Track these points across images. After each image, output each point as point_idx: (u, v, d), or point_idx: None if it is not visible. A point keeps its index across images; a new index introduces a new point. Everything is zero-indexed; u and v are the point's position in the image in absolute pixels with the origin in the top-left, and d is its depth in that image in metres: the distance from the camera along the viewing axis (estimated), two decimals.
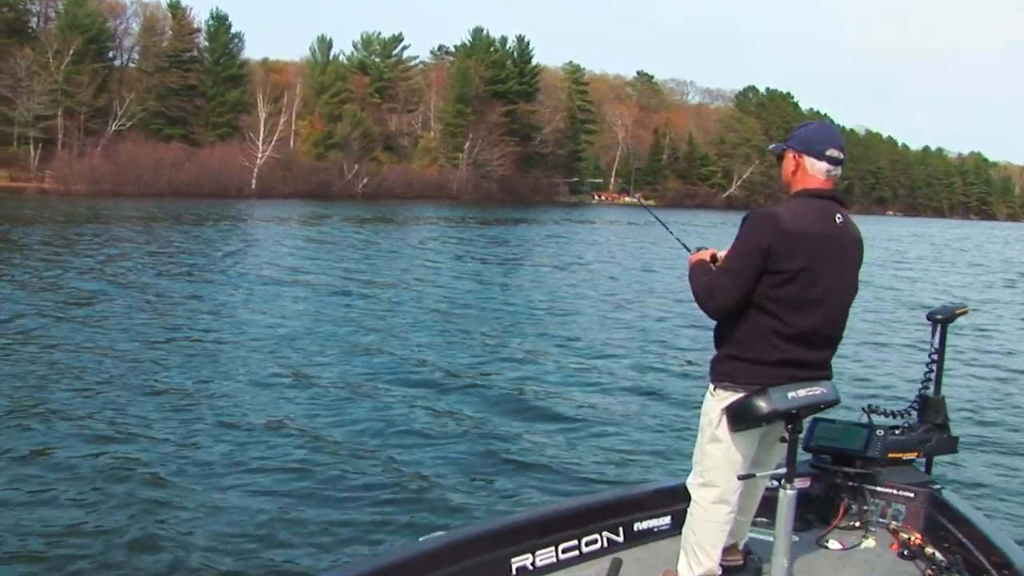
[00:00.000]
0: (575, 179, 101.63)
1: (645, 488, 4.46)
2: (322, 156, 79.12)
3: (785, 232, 3.32)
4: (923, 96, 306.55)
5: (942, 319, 4.50)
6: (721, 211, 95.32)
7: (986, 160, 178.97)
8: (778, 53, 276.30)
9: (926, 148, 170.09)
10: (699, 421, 3.63)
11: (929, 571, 3.86)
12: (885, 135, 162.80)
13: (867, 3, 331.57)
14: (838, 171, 3.50)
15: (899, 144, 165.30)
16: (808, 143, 3.50)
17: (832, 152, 3.47)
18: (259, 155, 72.82)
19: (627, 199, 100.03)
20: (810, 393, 3.38)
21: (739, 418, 3.41)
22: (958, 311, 4.60)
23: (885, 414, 4.63)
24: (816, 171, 3.48)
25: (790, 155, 3.54)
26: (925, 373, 4.61)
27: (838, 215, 3.47)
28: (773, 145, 3.70)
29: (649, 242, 39.43)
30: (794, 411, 3.35)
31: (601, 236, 46.45)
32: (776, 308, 3.36)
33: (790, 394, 3.33)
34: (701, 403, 3.63)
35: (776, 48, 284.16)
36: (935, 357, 4.57)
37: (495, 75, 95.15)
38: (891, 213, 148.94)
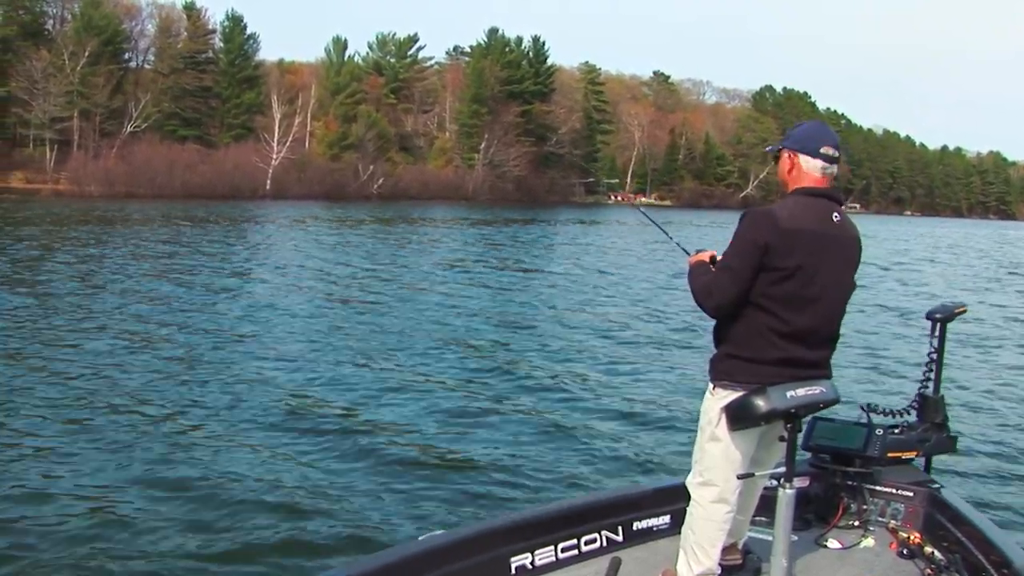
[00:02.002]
0: (591, 179, 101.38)
1: (644, 487, 4.47)
2: (337, 157, 79.05)
3: (782, 230, 3.34)
4: (934, 96, 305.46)
5: (941, 318, 4.50)
6: (737, 211, 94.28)
7: (1005, 159, 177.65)
8: (789, 54, 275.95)
9: (944, 148, 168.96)
10: (698, 420, 3.65)
11: (928, 570, 3.86)
12: (903, 135, 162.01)
13: (876, 5, 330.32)
14: (834, 169, 3.53)
15: (917, 144, 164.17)
16: (803, 142, 3.55)
17: (826, 150, 3.50)
18: (274, 156, 72.91)
19: (641, 199, 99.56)
20: (809, 392, 3.39)
21: (738, 417, 3.43)
22: (957, 310, 4.59)
23: (884, 413, 4.62)
24: (811, 168, 3.51)
25: (786, 155, 3.59)
26: (924, 372, 4.61)
27: (835, 214, 3.49)
28: (770, 147, 3.74)
29: (659, 243, 39.28)
30: (793, 410, 3.36)
31: (613, 237, 46.33)
32: (774, 306, 3.38)
33: (789, 393, 3.34)
34: (700, 402, 3.64)
35: (787, 49, 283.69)
36: (934, 356, 4.56)
37: (511, 75, 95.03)
38: (909, 213, 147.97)
